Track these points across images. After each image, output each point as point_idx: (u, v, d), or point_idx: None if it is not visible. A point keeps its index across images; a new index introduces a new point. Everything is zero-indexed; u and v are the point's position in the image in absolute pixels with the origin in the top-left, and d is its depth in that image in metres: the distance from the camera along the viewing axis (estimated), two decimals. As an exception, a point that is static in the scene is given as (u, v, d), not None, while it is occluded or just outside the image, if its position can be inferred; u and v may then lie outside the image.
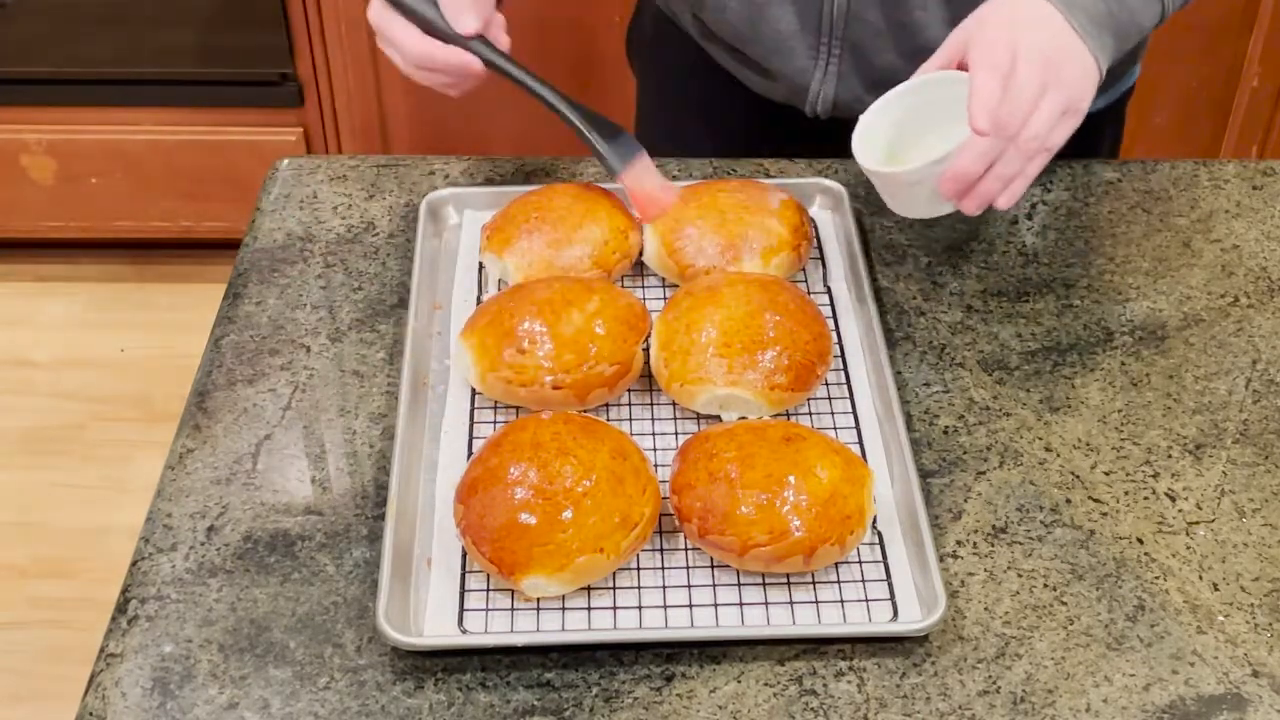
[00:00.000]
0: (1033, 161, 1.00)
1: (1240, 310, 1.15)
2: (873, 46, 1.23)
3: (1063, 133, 1.01)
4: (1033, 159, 1.00)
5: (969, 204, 1.01)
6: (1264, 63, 2.30)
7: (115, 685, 0.87)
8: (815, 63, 1.26)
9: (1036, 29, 1.01)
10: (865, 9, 1.22)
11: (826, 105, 1.28)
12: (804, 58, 1.26)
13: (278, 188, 1.27)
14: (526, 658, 0.89)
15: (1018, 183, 1.01)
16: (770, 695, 0.87)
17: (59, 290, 2.64)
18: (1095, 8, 1.03)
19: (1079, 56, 1.01)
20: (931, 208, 1.06)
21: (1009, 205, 1.02)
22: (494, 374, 1.01)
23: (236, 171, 2.43)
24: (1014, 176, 1.00)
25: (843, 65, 1.25)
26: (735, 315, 1.03)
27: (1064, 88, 1.00)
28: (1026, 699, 0.87)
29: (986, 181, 1.00)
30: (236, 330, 1.12)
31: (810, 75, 1.27)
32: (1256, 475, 1.02)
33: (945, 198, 1.02)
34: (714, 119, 1.39)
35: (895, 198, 1.07)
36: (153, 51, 2.35)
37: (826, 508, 0.90)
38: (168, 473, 1.00)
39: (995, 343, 1.11)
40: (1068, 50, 1.01)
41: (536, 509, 0.89)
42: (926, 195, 1.03)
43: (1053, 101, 0.99)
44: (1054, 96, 0.99)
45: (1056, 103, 0.99)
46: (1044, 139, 0.99)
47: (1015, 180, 1.00)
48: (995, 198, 1.01)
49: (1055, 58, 1.00)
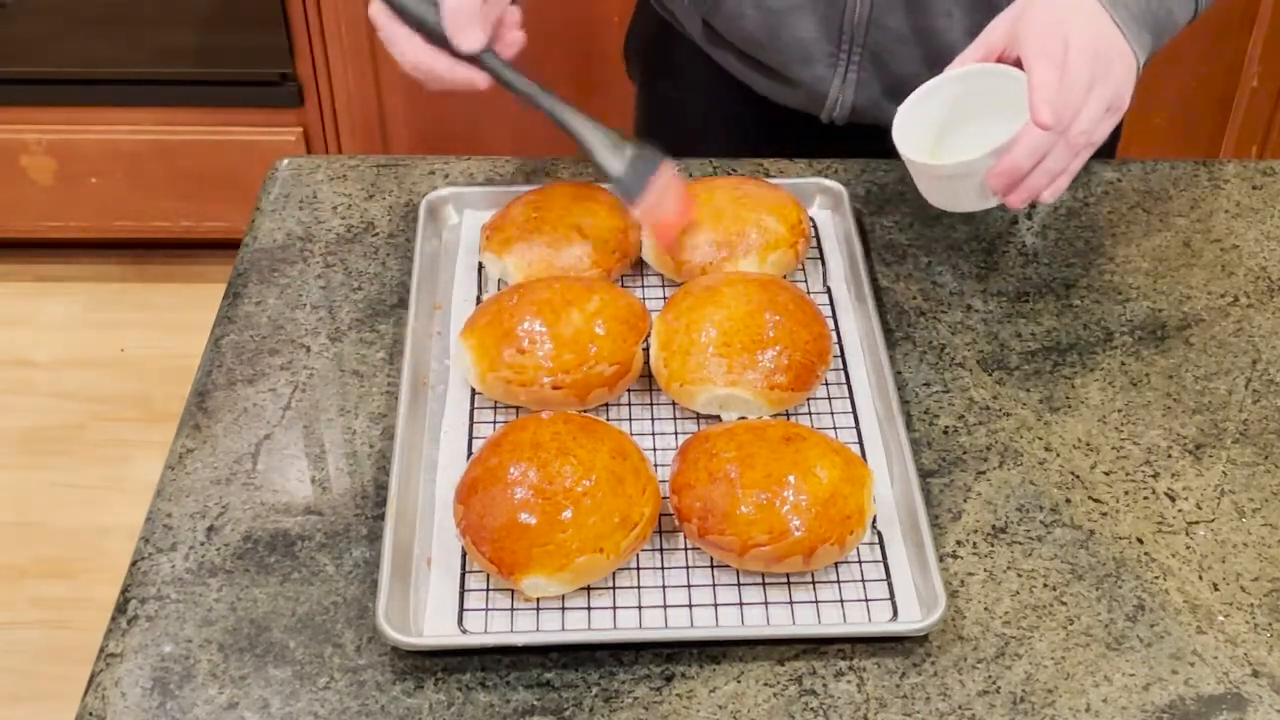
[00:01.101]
0: (1078, 157, 1.00)
1: (1240, 310, 1.15)
2: (894, 53, 1.23)
3: (1106, 128, 1.00)
4: (1079, 154, 0.99)
5: (1015, 198, 1.01)
6: (1264, 63, 2.30)
7: (115, 685, 0.87)
8: (835, 70, 1.25)
9: (1084, 21, 1.00)
10: (887, 16, 1.21)
11: (844, 112, 1.28)
12: (823, 65, 1.25)
13: (278, 188, 1.27)
14: (526, 658, 0.89)
15: (1063, 178, 1.00)
16: (770, 695, 0.87)
17: (59, 290, 2.64)
18: (1136, 4, 1.02)
19: (1122, 52, 1.01)
20: (977, 201, 1.05)
21: (1053, 199, 1.01)
22: (494, 374, 1.01)
23: (236, 171, 2.43)
24: (1060, 171, 1.00)
25: (863, 72, 1.25)
26: (735, 315, 1.03)
27: (1111, 82, 0.99)
28: (1026, 699, 0.87)
29: (1035, 176, 0.99)
30: (236, 330, 1.12)
31: (829, 82, 1.26)
32: (1256, 475, 1.02)
33: (994, 191, 1.01)
34: (720, 126, 1.38)
35: (939, 192, 1.06)
36: (153, 51, 2.35)
37: (826, 508, 0.90)
38: (168, 473, 1.00)
39: (995, 343, 1.11)
40: (1113, 45, 1.00)
41: (536, 509, 0.89)
42: (974, 189, 1.02)
43: (1100, 96, 0.98)
44: (1101, 91, 0.98)
45: (1104, 98, 0.98)
46: (1090, 134, 0.99)
47: (1061, 176, 1.00)
48: (1041, 192, 1.00)
49: (1102, 51, 0.99)
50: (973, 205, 1.06)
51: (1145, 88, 1.43)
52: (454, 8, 1.02)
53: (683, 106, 1.43)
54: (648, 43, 1.45)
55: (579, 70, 2.32)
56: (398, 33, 1.05)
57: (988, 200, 1.04)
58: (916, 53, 1.20)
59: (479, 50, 1.04)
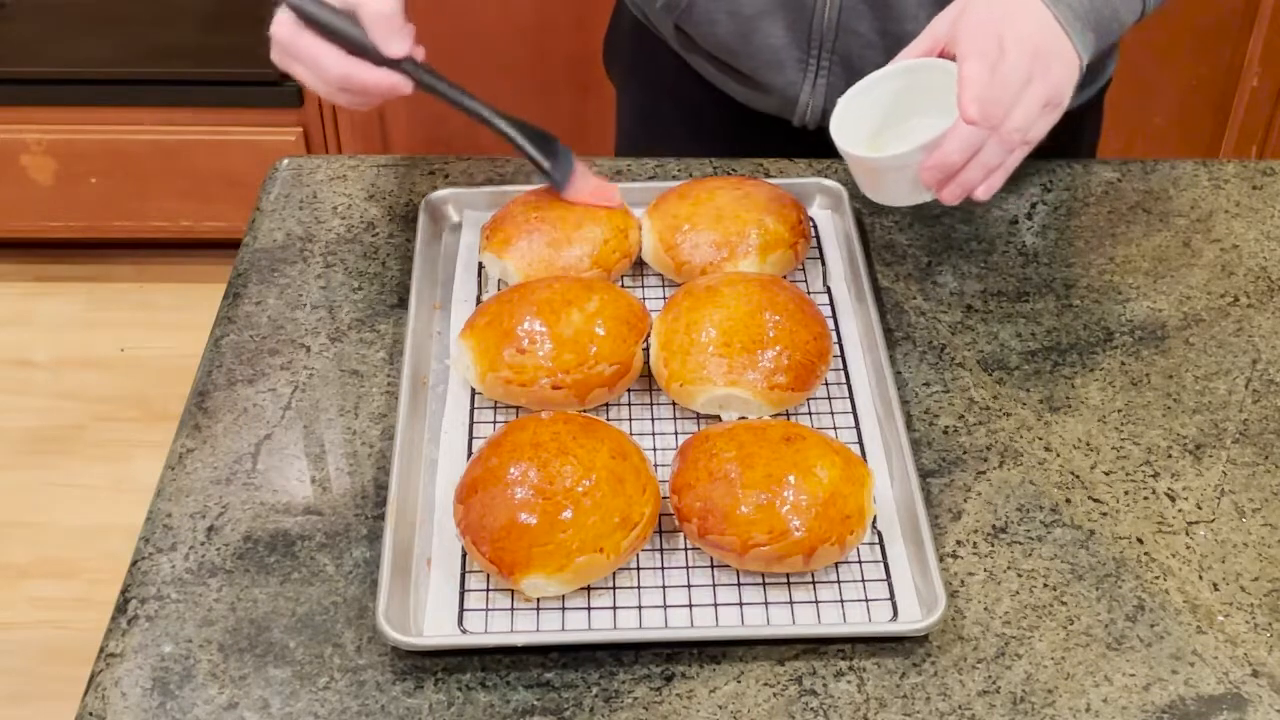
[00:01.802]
0: (1013, 154, 0.99)
1: (1240, 310, 1.15)
2: (863, 58, 1.23)
3: (1044, 126, 1.00)
4: (1014, 151, 0.99)
5: (948, 193, 1.00)
6: (1264, 63, 2.30)
7: (115, 685, 0.87)
8: (805, 75, 1.26)
9: (1024, 19, 1.00)
10: (856, 21, 1.21)
11: (815, 116, 1.28)
12: (794, 70, 1.26)
13: (278, 188, 1.27)
14: (526, 658, 0.89)
15: (997, 174, 1.00)
16: (770, 695, 0.87)
17: (59, 290, 2.65)
18: (1079, 3, 1.02)
19: (1063, 50, 1.01)
20: (910, 195, 1.04)
21: (987, 197, 1.00)
22: (494, 374, 1.01)
23: (236, 171, 2.43)
24: (995, 167, 0.99)
25: (833, 77, 1.25)
26: (735, 315, 1.03)
27: (1048, 80, 0.99)
28: (1026, 699, 0.87)
29: (968, 171, 0.99)
30: (236, 330, 1.12)
31: (800, 87, 1.27)
32: (1256, 475, 1.02)
33: (926, 185, 1.01)
34: (697, 130, 1.38)
35: (874, 184, 1.06)
36: (153, 51, 2.35)
37: (826, 508, 0.90)
38: (168, 473, 1.00)
39: (995, 343, 1.11)
40: (1053, 42, 1.00)
41: (536, 509, 0.89)
42: (907, 182, 1.02)
43: (1036, 93, 0.98)
44: (1038, 88, 0.98)
45: (1040, 95, 0.98)
46: (1025, 131, 0.98)
47: (996, 172, 1.00)
48: (975, 188, 1.00)
49: (1042, 49, 0.99)
50: (907, 199, 1.05)
51: (1145, 88, 1.43)
52: (377, 15, 1.03)
53: (659, 109, 1.43)
54: (625, 46, 1.45)
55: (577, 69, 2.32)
56: (315, 46, 1.04)
57: (921, 194, 1.03)
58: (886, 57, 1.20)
59: (403, 57, 1.05)
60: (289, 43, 1.05)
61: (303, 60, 1.05)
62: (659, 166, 1.28)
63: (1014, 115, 0.97)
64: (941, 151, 0.98)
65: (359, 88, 1.06)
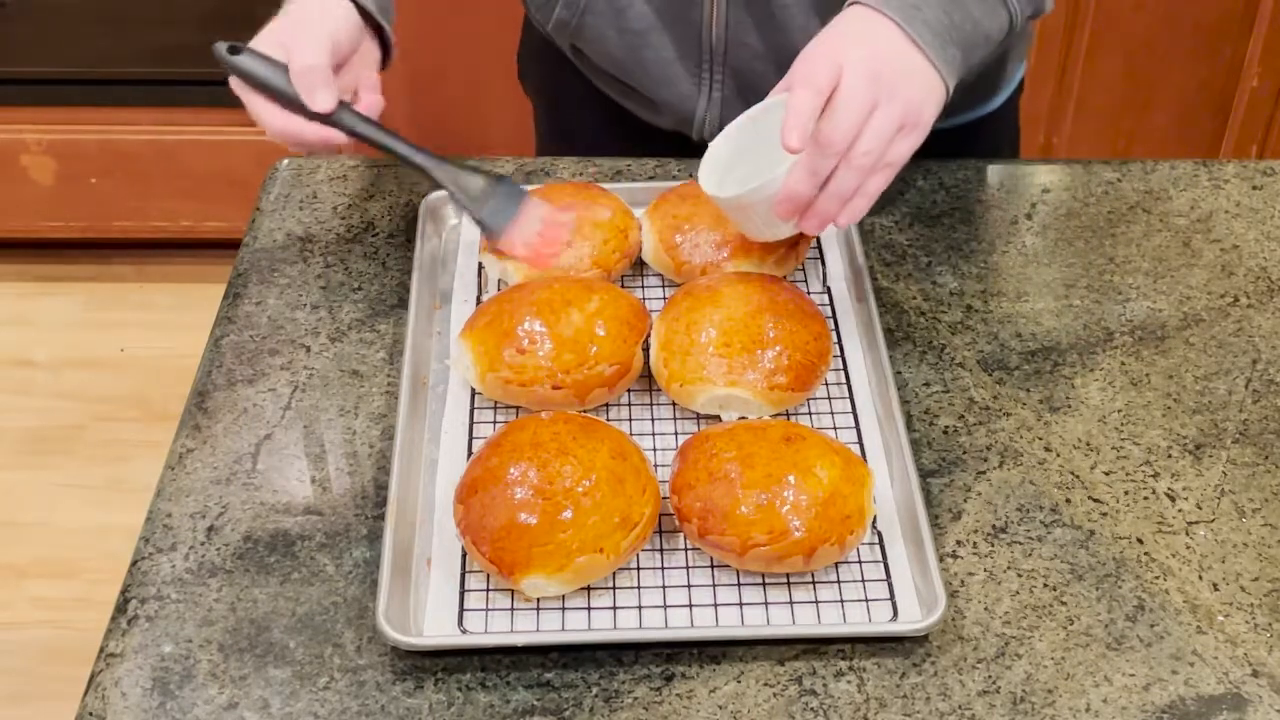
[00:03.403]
0: (872, 178, 0.97)
1: (1240, 310, 1.15)
2: (754, 71, 1.22)
3: (903, 148, 0.97)
4: (871, 175, 0.97)
5: (808, 224, 0.99)
6: (1264, 63, 2.30)
7: (115, 685, 0.87)
8: (699, 89, 1.25)
9: (865, 44, 0.98)
10: (744, 34, 1.21)
11: (713, 130, 1.26)
12: (687, 84, 1.25)
13: (278, 188, 1.27)
14: (526, 658, 0.89)
15: (858, 200, 0.97)
16: (770, 695, 0.87)
17: (59, 290, 2.65)
18: (937, 20, 1.00)
19: (918, 70, 0.99)
20: (775, 229, 1.04)
21: (851, 222, 0.99)
22: (494, 374, 1.01)
23: (236, 171, 2.43)
24: (851, 194, 0.97)
25: (725, 90, 1.24)
26: (735, 315, 1.03)
27: (897, 102, 0.96)
28: (1026, 699, 0.87)
29: (822, 200, 0.97)
30: (236, 330, 1.12)
31: (694, 102, 1.26)
32: (1256, 475, 1.02)
33: (781, 218, 0.99)
34: (605, 146, 1.34)
35: (742, 221, 1.06)
36: (153, 51, 2.35)
37: (826, 508, 0.90)
38: (168, 473, 1.00)
39: (995, 343, 1.11)
40: (902, 64, 0.98)
41: (536, 509, 0.89)
42: (763, 217, 1.01)
43: (885, 117, 0.96)
44: (886, 111, 0.96)
45: (890, 118, 0.96)
46: (878, 154, 0.96)
47: (855, 198, 0.97)
48: (835, 216, 0.98)
49: (885, 72, 0.96)
50: (772, 234, 1.05)
51: (1145, 87, 1.43)
52: (301, 71, 1.06)
53: (568, 125, 1.43)
54: (533, 63, 1.45)
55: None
56: (256, 105, 1.08)
57: (784, 228, 1.03)
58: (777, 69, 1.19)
59: (330, 110, 1.07)
60: (241, 98, 1.09)
61: (252, 115, 1.09)
62: (659, 166, 1.28)
63: (862, 140, 0.95)
64: (786, 184, 0.96)
65: (298, 140, 1.09)
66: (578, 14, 1.25)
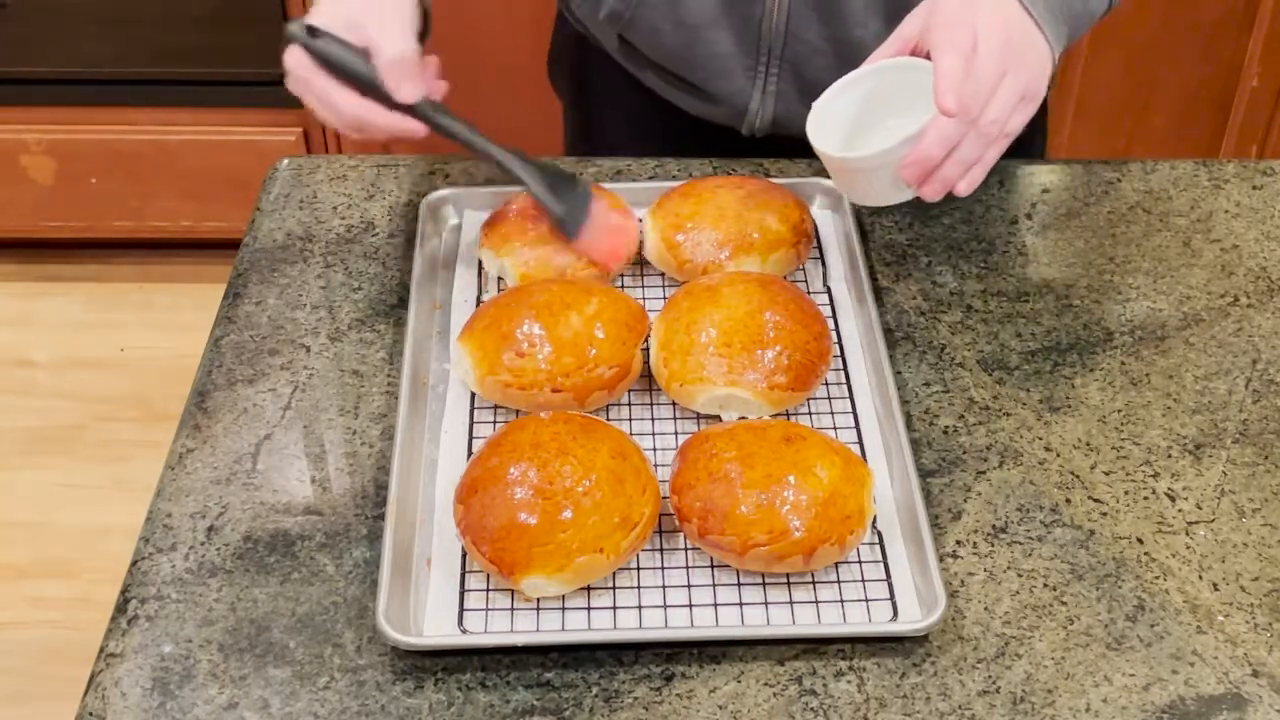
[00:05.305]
0: (993, 146, 0.99)
1: (1240, 310, 1.15)
2: (812, 64, 1.22)
3: (1021, 118, 0.99)
4: (993, 144, 0.98)
5: (929, 189, 1.00)
6: (1264, 63, 2.30)
7: (115, 685, 0.87)
8: (754, 83, 1.25)
9: (995, 12, 0.99)
10: (804, 28, 1.21)
11: (765, 125, 1.27)
12: (742, 78, 1.25)
13: (278, 188, 1.27)
14: (526, 658, 0.89)
15: (977, 169, 0.99)
16: (770, 695, 0.87)
17: (59, 290, 2.65)
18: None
19: (1035, 42, 1.00)
20: (891, 194, 1.04)
21: (969, 191, 1.00)
22: (493, 378, 1.01)
23: (236, 171, 2.43)
24: (974, 162, 0.99)
25: (781, 84, 1.24)
26: (735, 315, 1.03)
27: (1023, 72, 0.98)
28: (1026, 699, 0.87)
29: (947, 166, 0.98)
30: (236, 330, 1.12)
31: (749, 95, 1.26)
32: (1256, 475, 1.02)
33: (907, 183, 1.00)
34: (642, 142, 1.35)
35: (853, 185, 1.05)
36: (153, 51, 2.35)
37: (826, 508, 0.90)
38: (168, 473, 1.00)
39: (995, 343, 1.11)
40: (1025, 35, 1.00)
41: (536, 509, 0.89)
42: (887, 181, 1.01)
43: (1012, 85, 0.97)
44: (1013, 80, 0.97)
45: (1016, 87, 0.98)
46: (1003, 123, 0.98)
47: (975, 166, 0.99)
48: (956, 183, 0.99)
49: (1015, 41, 0.98)
50: (888, 199, 1.05)
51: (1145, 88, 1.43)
52: (391, 60, 1.03)
53: (603, 122, 1.42)
54: (567, 59, 1.44)
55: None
56: (329, 88, 1.05)
57: (903, 193, 1.03)
58: (835, 63, 1.20)
59: (418, 100, 1.05)
60: (304, 79, 1.05)
61: (316, 97, 1.06)
62: (659, 166, 1.28)
63: (990, 108, 0.97)
64: (921, 146, 0.97)
65: (375, 129, 1.06)
66: (632, 6, 1.24)
